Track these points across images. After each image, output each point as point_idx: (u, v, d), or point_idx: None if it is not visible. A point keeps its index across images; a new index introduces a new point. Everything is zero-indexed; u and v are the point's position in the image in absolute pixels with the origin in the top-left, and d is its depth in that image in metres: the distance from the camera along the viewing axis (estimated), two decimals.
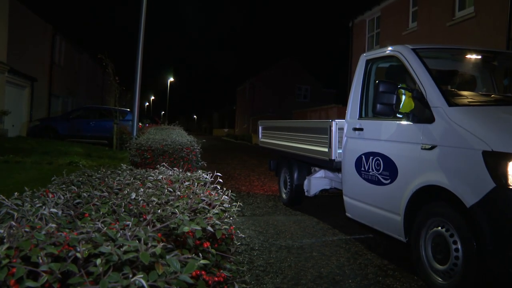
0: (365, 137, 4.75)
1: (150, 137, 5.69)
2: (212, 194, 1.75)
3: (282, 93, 46.77)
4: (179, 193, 1.62)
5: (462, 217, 3.34)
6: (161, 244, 1.02)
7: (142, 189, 1.62)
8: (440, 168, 3.58)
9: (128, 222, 1.16)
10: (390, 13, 19.51)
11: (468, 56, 5.04)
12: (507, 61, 5.53)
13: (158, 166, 2.46)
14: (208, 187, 1.90)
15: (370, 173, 4.51)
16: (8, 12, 19.20)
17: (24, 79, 21.85)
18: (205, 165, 5.53)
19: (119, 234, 1.05)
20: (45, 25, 25.17)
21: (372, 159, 4.48)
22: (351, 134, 5.00)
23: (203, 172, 2.27)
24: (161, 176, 1.97)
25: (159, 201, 1.47)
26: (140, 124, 18.92)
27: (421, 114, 3.83)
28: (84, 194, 1.51)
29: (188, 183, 1.87)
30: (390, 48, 4.70)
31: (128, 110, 17.99)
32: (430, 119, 3.75)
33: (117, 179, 1.89)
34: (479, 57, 5.05)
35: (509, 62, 5.60)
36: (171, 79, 60.24)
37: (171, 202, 1.45)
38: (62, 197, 1.44)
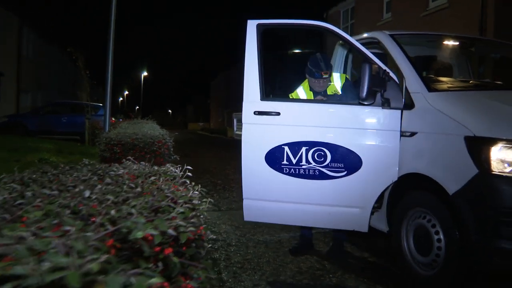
0: (286, 124, 3.89)
1: (120, 131, 5.45)
2: (179, 190, 1.57)
3: None
4: (140, 189, 1.43)
5: (444, 206, 3.24)
6: (105, 256, 0.81)
7: (100, 186, 1.42)
8: (421, 155, 3.46)
9: (70, 228, 0.95)
10: (364, 4, 19.52)
11: (446, 42, 4.93)
12: (483, 48, 5.47)
13: (124, 160, 2.26)
14: (176, 182, 1.72)
15: (303, 167, 3.80)
16: None
17: None
18: (178, 158, 5.32)
19: (52, 245, 0.83)
20: (12, 17, 24.36)
21: (308, 150, 3.79)
22: (253, 119, 3.95)
23: (171, 166, 2.08)
24: (124, 170, 1.78)
25: (116, 200, 1.27)
26: (113, 119, 18.52)
27: (399, 100, 3.67)
28: (28, 193, 1.30)
29: (154, 178, 1.68)
30: (366, 35, 4.56)
31: (101, 105, 17.54)
32: (409, 105, 3.62)
33: (74, 175, 1.69)
34: (457, 43, 4.96)
35: (486, 49, 5.53)
36: (145, 73, 59.50)
37: (130, 201, 1.26)
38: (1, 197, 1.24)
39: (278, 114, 3.85)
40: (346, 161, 3.73)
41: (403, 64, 3.79)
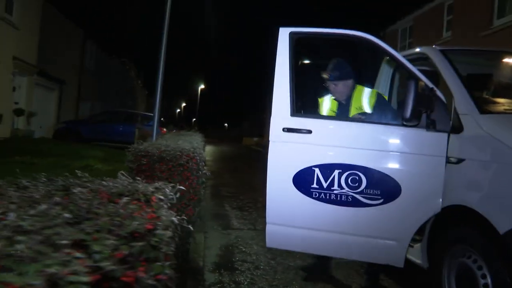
0: (318, 143, 3.53)
1: (155, 143, 5.31)
2: (153, 215, 1.32)
3: None
4: (82, 215, 1.19)
5: (493, 246, 2.81)
6: None
7: (44, 206, 1.19)
8: (469, 186, 3.05)
9: None
10: (423, 22, 18.85)
11: (506, 59, 4.45)
12: None
13: (119, 174, 2.04)
14: (157, 206, 1.47)
15: (335, 192, 3.43)
16: (41, 17, 19.46)
17: (53, 81, 22.03)
18: (208, 174, 5.11)
19: None
20: (77, 30, 25.42)
21: (341, 174, 3.42)
22: (282, 137, 3.60)
23: (165, 184, 1.83)
24: (99, 186, 1.56)
25: (32, 228, 1.03)
26: (164, 129, 18.76)
27: (446, 122, 3.27)
28: None
29: (127, 198, 1.44)
30: (416, 50, 4.18)
31: (150, 114, 17.82)
32: (457, 128, 3.22)
33: (49, 187, 1.49)
34: None
35: None
36: (202, 86, 60.43)
37: (46, 231, 1.01)
38: None
39: (309, 132, 3.53)
40: (383, 187, 3.36)
41: (452, 82, 3.40)
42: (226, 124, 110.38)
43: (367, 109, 3.84)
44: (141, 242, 1.08)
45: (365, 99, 3.90)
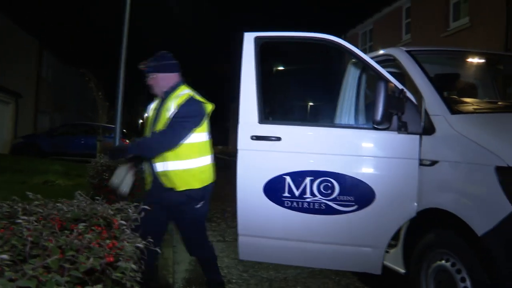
0: (288, 150, 3.41)
1: None
2: (114, 243, 1.15)
3: None
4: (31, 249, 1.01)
5: (470, 248, 2.74)
6: None
7: None
8: (444, 188, 2.99)
9: None
10: (383, 26, 19.18)
11: (470, 59, 4.45)
12: None
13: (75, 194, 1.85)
14: (119, 231, 1.30)
15: (308, 200, 3.32)
16: None
17: (7, 94, 21.23)
18: None
19: None
20: (32, 40, 24.61)
21: (312, 181, 3.30)
22: (250, 145, 3.48)
23: (128, 205, 1.65)
24: (52, 211, 1.37)
25: None
26: (127, 141, 18.33)
27: (418, 123, 3.20)
28: None
29: (84, 224, 1.27)
30: (382, 52, 4.13)
31: (111, 126, 17.41)
32: (429, 130, 3.16)
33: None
34: (482, 60, 4.48)
35: None
36: None
37: None
38: None
39: (278, 139, 3.40)
40: (357, 193, 3.26)
41: (421, 83, 3.34)
42: None
43: (172, 108, 3.28)
44: (99, 284, 0.91)
45: (175, 99, 3.32)
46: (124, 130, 13.76)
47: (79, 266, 1.01)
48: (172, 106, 3.27)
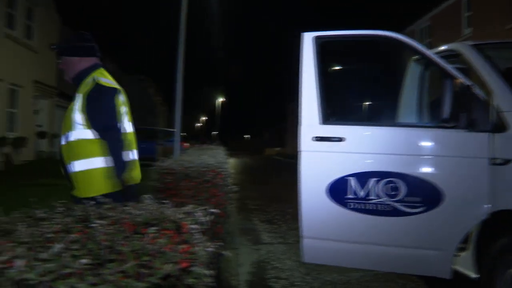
0: (352, 151, 3.36)
1: (180, 158, 5.20)
2: (187, 249, 1.16)
3: None
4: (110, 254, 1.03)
5: None
6: None
7: (59, 246, 1.05)
8: None
9: None
10: (441, 21, 18.53)
11: None
12: None
13: (142, 197, 1.90)
14: (189, 236, 1.31)
15: (373, 201, 3.24)
16: (58, 40, 19.76)
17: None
18: (235, 189, 4.95)
19: None
20: None
21: (377, 182, 3.22)
22: (312, 146, 3.42)
23: (196, 209, 1.68)
24: (122, 215, 1.41)
25: (41, 279, 0.89)
26: (187, 144, 18.77)
27: (487, 121, 3.04)
28: None
29: (155, 229, 1.29)
30: (444, 47, 3.98)
31: (173, 130, 17.87)
32: (500, 127, 3.00)
33: (65, 219, 1.35)
34: None
35: None
36: (221, 98, 60.57)
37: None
38: None
39: (342, 139, 3.35)
40: (424, 194, 3.15)
41: (491, 78, 3.19)
42: (246, 136, 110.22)
43: (79, 97, 2.86)
44: None
45: (85, 86, 2.90)
46: (184, 134, 14.08)
47: (156, 271, 1.02)
48: (82, 90, 2.88)
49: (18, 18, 16.11)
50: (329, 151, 3.37)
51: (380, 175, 3.23)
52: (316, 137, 3.40)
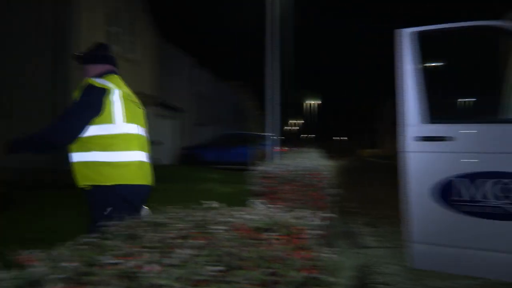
0: (464, 150, 3.14)
1: (279, 162, 5.26)
2: (309, 255, 1.16)
3: None
4: (238, 261, 1.04)
5: None
6: None
7: (182, 252, 1.08)
8: None
9: None
10: None
11: None
12: None
13: (250, 201, 1.93)
14: (307, 242, 1.31)
15: (488, 204, 3.02)
16: (158, 51, 20.97)
17: (170, 110, 23.41)
18: (338, 192, 4.89)
19: None
20: (189, 59, 26.90)
21: (496, 183, 2.97)
22: (418, 146, 3.30)
23: (306, 213, 1.67)
24: (235, 220, 1.43)
25: (170, 285, 0.90)
26: (285, 148, 18.93)
27: None
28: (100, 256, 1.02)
29: (272, 234, 1.30)
30: None
31: (269, 134, 18.11)
32: None
33: (178, 225, 1.40)
34: None
35: None
36: (314, 101, 60.37)
37: None
38: None
39: (449, 139, 3.18)
40: None
41: None
42: (338, 138, 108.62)
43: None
44: None
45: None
46: (282, 137, 14.20)
47: (284, 279, 1.03)
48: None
49: (120, 35, 17.27)
50: (436, 151, 3.22)
51: (494, 175, 3.02)
52: (421, 136, 3.26)
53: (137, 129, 3.12)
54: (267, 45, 11.04)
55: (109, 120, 2.92)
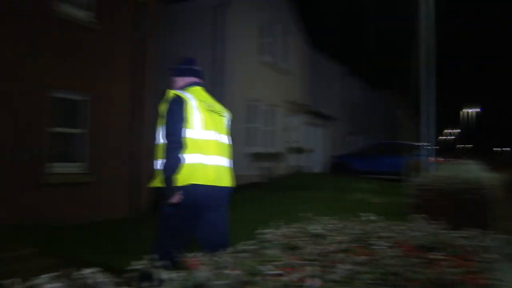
0: None
1: (437, 174, 4.93)
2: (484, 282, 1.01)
3: None
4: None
5: None
6: None
7: (345, 267, 1.00)
8: None
9: None
10: None
11: None
12: None
13: (410, 216, 1.79)
14: (484, 265, 1.15)
15: None
16: (307, 60, 21.32)
17: (321, 118, 23.52)
18: (503, 208, 4.36)
19: None
20: (338, 68, 26.79)
21: None
22: None
23: (476, 232, 1.49)
24: (399, 236, 1.31)
25: None
26: (441, 159, 17.83)
27: None
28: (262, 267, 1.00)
29: (442, 254, 1.16)
30: None
31: (423, 144, 17.21)
32: None
33: (336, 239, 1.33)
34: None
35: None
36: (473, 109, 55.93)
37: None
38: None
39: None
40: None
41: None
42: (503, 149, 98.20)
43: None
44: None
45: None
46: (437, 147, 13.44)
47: None
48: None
49: (272, 46, 17.90)
50: None
51: None
52: None
53: (215, 136, 3.36)
54: (421, 52, 10.46)
55: (189, 126, 3.24)
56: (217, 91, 14.51)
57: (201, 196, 3.18)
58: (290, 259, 1.13)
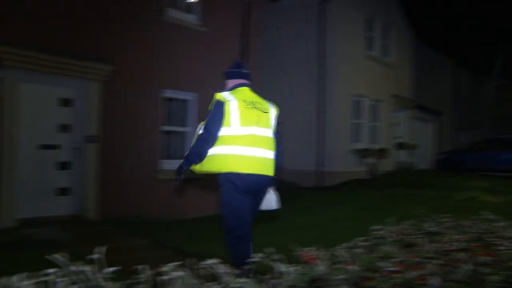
0: None
1: None
2: None
3: None
4: None
5: None
6: None
7: (467, 267, 0.99)
8: None
9: None
10: None
11: None
12: None
13: None
14: None
15: None
16: (414, 54, 20.47)
17: (428, 113, 22.45)
18: None
19: None
20: (447, 61, 25.29)
21: None
22: None
23: None
24: None
25: None
26: None
27: None
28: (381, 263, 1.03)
29: None
30: None
31: None
32: None
33: (454, 237, 1.32)
34: None
35: None
36: None
37: None
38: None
39: None
40: None
41: None
42: None
43: None
44: None
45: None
46: None
47: None
48: None
49: (376, 39, 17.44)
50: None
51: None
52: None
53: (254, 130, 3.78)
54: None
55: (227, 124, 3.73)
56: (321, 87, 14.51)
57: (238, 181, 3.66)
58: (407, 257, 1.15)
